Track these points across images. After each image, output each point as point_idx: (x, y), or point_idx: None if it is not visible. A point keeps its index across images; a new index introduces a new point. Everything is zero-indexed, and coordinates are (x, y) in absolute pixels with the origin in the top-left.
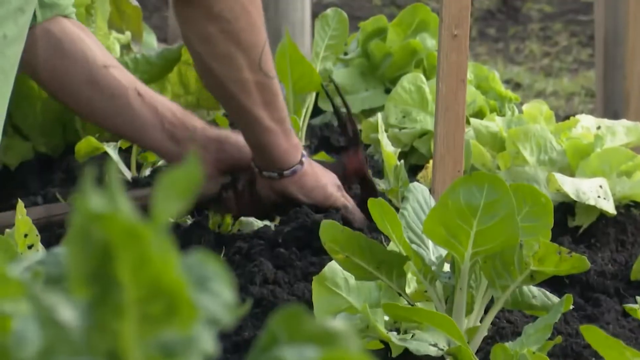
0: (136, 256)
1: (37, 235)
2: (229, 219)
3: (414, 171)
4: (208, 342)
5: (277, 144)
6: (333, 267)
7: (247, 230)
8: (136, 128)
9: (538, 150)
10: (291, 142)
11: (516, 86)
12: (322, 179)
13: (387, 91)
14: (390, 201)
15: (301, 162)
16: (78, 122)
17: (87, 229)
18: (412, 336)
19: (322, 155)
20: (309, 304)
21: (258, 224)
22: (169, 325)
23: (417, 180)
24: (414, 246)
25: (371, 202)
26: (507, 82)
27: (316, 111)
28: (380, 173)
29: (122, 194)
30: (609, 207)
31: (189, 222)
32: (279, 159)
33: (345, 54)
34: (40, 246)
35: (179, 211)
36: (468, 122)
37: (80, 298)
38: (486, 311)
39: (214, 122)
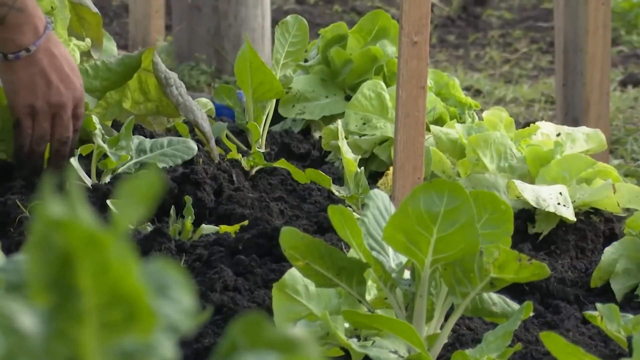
0: (96, 263)
1: None
2: (189, 226)
3: (374, 178)
4: (168, 349)
5: None
6: (293, 274)
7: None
8: None
9: (498, 157)
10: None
11: (476, 93)
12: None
13: (348, 98)
14: (350, 208)
15: (28, 50)
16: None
17: (47, 236)
18: (373, 343)
19: (283, 163)
20: (270, 311)
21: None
22: (128, 332)
23: (378, 187)
24: (374, 253)
25: (331, 209)
26: (467, 89)
27: (276, 118)
28: (340, 180)
29: (81, 201)
30: (569, 214)
31: (149, 229)
32: None
33: (306, 60)
34: (0, 253)
35: (138, 218)
36: (428, 129)
37: (40, 305)
38: (446, 318)
39: (174, 129)
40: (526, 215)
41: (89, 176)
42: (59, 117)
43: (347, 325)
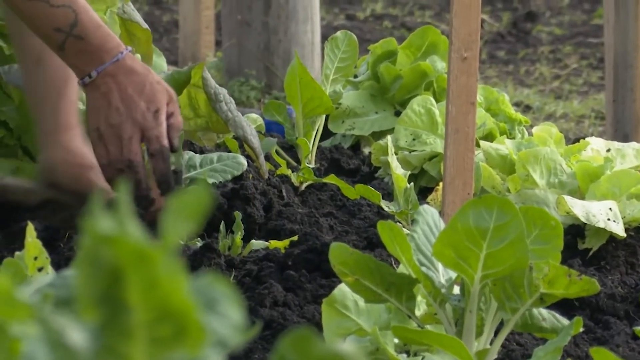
0: (145, 279)
1: (46, 258)
2: (238, 241)
3: (423, 194)
4: None
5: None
6: (343, 290)
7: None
8: None
9: (548, 172)
10: (66, 56)
11: (526, 109)
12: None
13: (397, 114)
14: (400, 223)
15: (89, 75)
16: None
17: (97, 252)
18: (422, 359)
19: (332, 178)
20: (319, 327)
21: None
22: (178, 348)
23: (427, 203)
24: (423, 269)
25: (380, 225)
26: (517, 104)
27: (326, 133)
28: (390, 195)
29: (131, 217)
30: (619, 230)
31: (199, 244)
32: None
33: (355, 76)
34: (50, 269)
35: (188, 234)
36: (478, 145)
37: (89, 320)
38: (496, 333)
39: (224, 145)
40: (576, 230)
41: None
42: (122, 138)
43: (396, 340)
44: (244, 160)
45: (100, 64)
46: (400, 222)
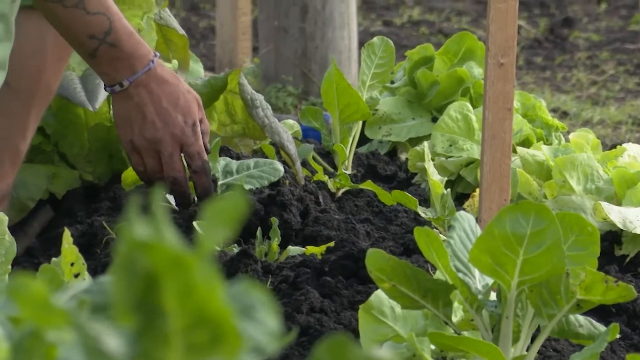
0: (181, 285)
1: (83, 264)
2: (275, 248)
3: (460, 200)
4: None
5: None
6: (379, 296)
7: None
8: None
9: (585, 179)
10: (98, 63)
11: (563, 115)
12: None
13: (434, 120)
14: (436, 229)
15: (121, 84)
16: (125, 150)
17: (133, 258)
18: None
19: (369, 184)
20: (356, 333)
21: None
22: (214, 354)
23: (464, 209)
24: (460, 275)
25: (417, 231)
26: (554, 110)
27: (363, 139)
28: (426, 202)
29: (167, 223)
30: None
31: (236, 250)
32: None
33: (392, 82)
34: (86, 275)
35: (224, 240)
36: (515, 151)
37: (125, 327)
38: (532, 340)
39: (260, 151)
40: (613, 237)
41: None
42: (162, 154)
43: (433, 347)
44: (280, 167)
45: (131, 72)
46: (436, 229)
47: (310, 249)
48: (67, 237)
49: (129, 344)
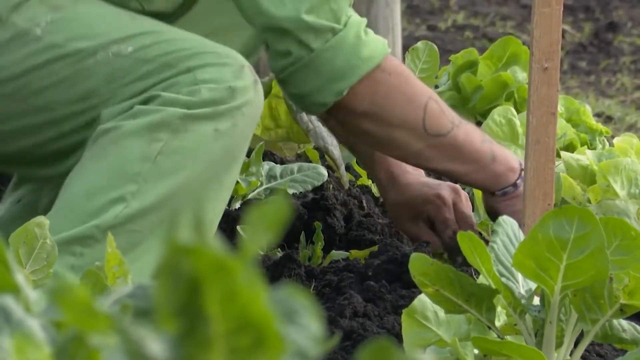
0: (224, 289)
1: (126, 268)
2: (319, 252)
3: None
4: None
5: (477, 179)
6: (423, 300)
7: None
8: None
9: (629, 183)
10: (497, 168)
11: (607, 119)
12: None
13: (478, 124)
14: (480, 234)
15: (515, 185)
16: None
17: (176, 263)
18: None
19: None
20: (399, 338)
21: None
22: (257, 358)
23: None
24: (503, 279)
25: (461, 236)
26: (598, 115)
27: None
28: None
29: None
30: None
31: (279, 254)
32: (485, 187)
33: (436, 86)
34: (130, 279)
35: (268, 244)
36: (558, 155)
37: (168, 331)
38: (576, 344)
39: (304, 155)
40: None
41: None
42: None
43: (476, 351)
44: (324, 171)
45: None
46: (480, 233)
47: (354, 253)
48: (110, 242)
49: (171, 348)
